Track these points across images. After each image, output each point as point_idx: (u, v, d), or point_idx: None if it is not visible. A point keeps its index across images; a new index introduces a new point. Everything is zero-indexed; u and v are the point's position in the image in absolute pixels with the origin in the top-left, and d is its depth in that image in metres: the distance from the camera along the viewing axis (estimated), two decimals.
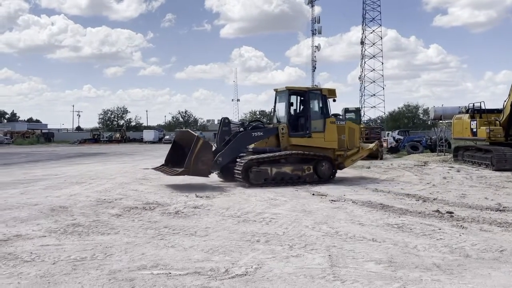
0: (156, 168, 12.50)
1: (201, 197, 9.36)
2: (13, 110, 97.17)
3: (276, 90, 13.54)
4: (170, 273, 4.39)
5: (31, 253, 5.11)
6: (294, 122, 12.85)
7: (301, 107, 13.22)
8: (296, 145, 12.42)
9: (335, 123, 13.08)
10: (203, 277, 4.26)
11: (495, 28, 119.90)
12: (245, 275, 4.33)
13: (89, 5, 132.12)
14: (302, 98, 13.14)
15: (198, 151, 10.99)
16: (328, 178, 12.24)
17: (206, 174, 11.34)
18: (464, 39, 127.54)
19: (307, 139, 12.66)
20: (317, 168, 12.15)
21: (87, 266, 4.61)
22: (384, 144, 28.23)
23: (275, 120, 13.48)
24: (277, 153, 11.81)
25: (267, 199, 9.03)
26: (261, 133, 12.35)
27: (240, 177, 11.25)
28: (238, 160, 11.65)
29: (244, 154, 11.96)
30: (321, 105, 13.09)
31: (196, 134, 11.73)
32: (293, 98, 13.21)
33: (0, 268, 4.59)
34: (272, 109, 13.96)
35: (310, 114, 12.86)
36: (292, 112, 13.06)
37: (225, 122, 12.45)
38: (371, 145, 14.90)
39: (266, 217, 7.19)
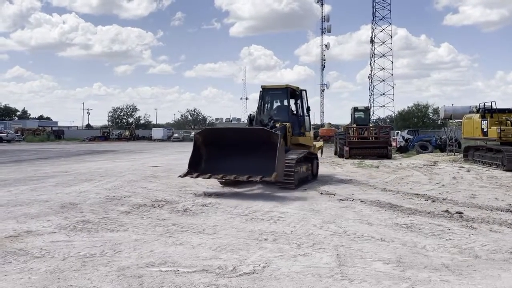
0: (201, 177, 9.64)
1: (209, 195, 9.38)
2: (24, 108, 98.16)
3: (264, 87, 12.81)
4: (178, 270, 4.42)
5: (41, 249, 5.17)
6: (292, 121, 12.61)
7: (294, 105, 13.03)
8: (296, 144, 12.34)
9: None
10: (211, 275, 4.28)
11: (506, 27, 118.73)
12: (253, 273, 4.34)
13: (99, 4, 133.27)
14: (295, 97, 12.96)
15: (280, 153, 9.38)
16: (316, 175, 12.58)
17: (282, 178, 9.77)
18: (475, 38, 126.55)
19: (303, 137, 12.72)
20: (312, 166, 12.33)
21: (96, 263, 4.65)
22: (393, 144, 28.10)
23: (265, 118, 12.30)
24: (304, 152, 11.60)
25: (275, 198, 9.03)
26: (279, 132, 11.94)
27: (291, 179, 10.12)
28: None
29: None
30: (306, 105, 13.15)
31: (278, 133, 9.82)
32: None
33: (11, 263, 4.65)
34: (260, 106, 12.84)
35: (304, 113, 12.90)
36: (290, 110, 12.87)
37: (256, 118, 11.19)
38: (319, 143, 15.53)
39: (274, 215, 7.19)
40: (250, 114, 11.74)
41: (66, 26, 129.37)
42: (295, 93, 12.91)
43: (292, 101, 13.05)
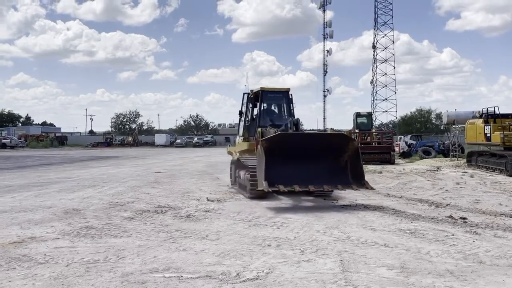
0: (287, 188, 8.40)
1: (212, 201, 9.38)
2: (27, 114, 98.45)
3: (263, 89, 11.92)
4: (181, 276, 4.42)
5: (45, 255, 5.18)
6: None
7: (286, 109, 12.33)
8: None
9: None
10: (214, 281, 4.28)
11: (509, 32, 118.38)
12: (256, 279, 4.34)
13: (103, 11, 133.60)
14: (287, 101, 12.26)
15: None
16: None
17: None
18: (478, 43, 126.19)
19: None
20: None
21: (100, 269, 4.66)
22: (396, 149, 28.05)
23: (265, 123, 11.50)
24: None
25: (278, 203, 9.02)
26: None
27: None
28: None
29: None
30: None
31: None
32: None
33: (15, 269, 4.66)
34: (260, 110, 11.86)
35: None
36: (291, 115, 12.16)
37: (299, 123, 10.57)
38: None
39: (277, 221, 7.18)
40: (291, 119, 10.82)
41: (70, 33, 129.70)
42: (290, 96, 12.26)
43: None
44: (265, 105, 12.29)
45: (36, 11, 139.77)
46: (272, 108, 12.57)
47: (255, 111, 12.12)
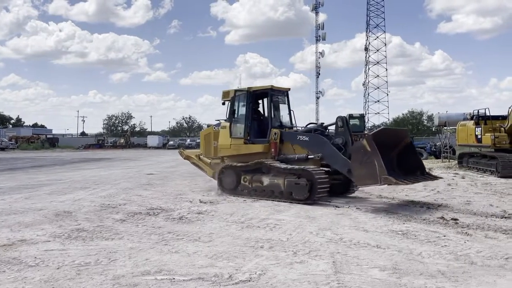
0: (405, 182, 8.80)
1: (205, 202, 9.35)
2: (18, 115, 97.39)
3: (272, 87, 11.26)
4: (173, 278, 4.39)
5: (36, 257, 5.13)
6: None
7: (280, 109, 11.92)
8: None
9: None
10: (206, 283, 4.26)
11: (500, 35, 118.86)
12: (249, 281, 4.33)
13: (96, 12, 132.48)
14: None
15: None
16: None
17: None
18: (469, 46, 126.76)
19: None
20: None
21: (91, 271, 4.62)
22: None
23: (274, 123, 11.05)
24: None
25: (271, 205, 9.02)
26: None
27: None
28: None
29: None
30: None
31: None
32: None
33: (5, 272, 4.61)
34: (270, 109, 11.23)
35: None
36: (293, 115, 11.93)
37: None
38: None
39: (270, 223, 7.17)
40: (342, 117, 10.66)
41: (62, 34, 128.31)
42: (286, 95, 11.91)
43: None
44: (280, 105, 11.86)
45: (28, 12, 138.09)
46: (276, 108, 11.92)
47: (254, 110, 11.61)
